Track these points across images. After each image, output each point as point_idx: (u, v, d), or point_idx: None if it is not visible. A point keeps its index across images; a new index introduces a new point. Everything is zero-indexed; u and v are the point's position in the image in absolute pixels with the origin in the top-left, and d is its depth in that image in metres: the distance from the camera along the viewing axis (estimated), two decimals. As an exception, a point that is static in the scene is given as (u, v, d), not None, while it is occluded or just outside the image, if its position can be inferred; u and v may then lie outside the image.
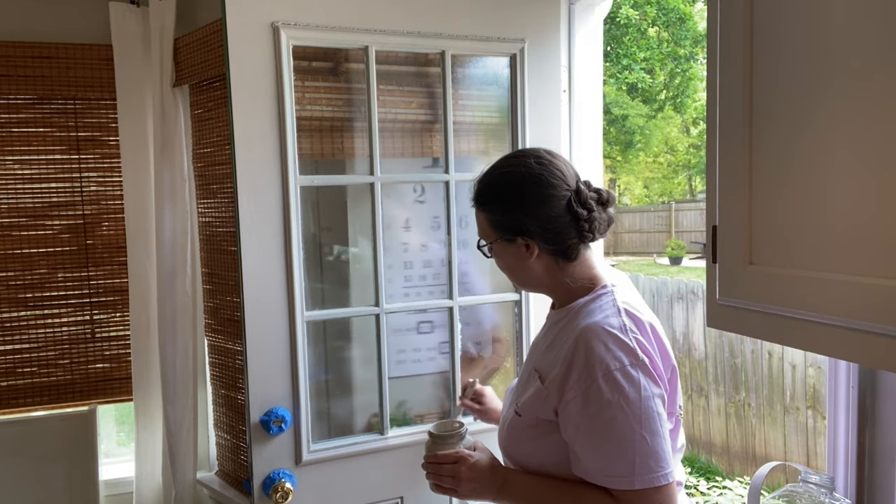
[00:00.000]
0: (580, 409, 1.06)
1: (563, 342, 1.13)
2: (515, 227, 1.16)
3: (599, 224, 1.17)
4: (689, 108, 13.50)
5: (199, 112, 1.99)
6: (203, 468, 2.11)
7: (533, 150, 1.20)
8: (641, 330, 1.11)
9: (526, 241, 1.16)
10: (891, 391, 1.25)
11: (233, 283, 1.89)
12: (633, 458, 1.03)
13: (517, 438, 1.19)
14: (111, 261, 2.09)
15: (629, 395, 1.04)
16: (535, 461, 1.17)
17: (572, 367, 1.08)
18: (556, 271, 1.18)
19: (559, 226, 1.14)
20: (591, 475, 1.08)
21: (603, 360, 1.05)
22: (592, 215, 1.15)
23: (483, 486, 1.18)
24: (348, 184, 1.71)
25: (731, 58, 0.85)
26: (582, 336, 1.08)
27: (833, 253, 0.74)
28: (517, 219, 1.16)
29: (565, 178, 1.16)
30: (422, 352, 1.73)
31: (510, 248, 1.19)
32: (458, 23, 1.60)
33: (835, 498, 1.24)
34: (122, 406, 2.25)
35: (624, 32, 11.84)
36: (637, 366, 1.06)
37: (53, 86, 1.98)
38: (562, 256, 1.17)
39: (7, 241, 2.00)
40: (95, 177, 2.06)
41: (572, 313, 1.16)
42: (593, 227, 1.15)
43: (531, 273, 1.19)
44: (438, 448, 1.24)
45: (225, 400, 1.99)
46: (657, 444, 1.04)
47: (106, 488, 2.09)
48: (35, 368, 2.03)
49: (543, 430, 1.13)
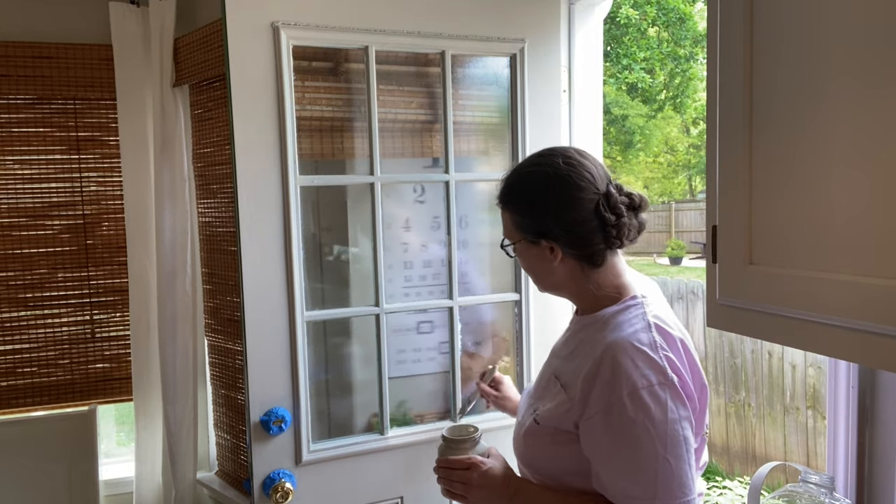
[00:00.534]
0: (602, 426, 1.03)
1: (588, 353, 1.09)
2: (539, 229, 1.12)
3: (629, 230, 1.12)
4: (689, 108, 13.52)
5: (199, 112, 1.99)
6: (203, 468, 2.11)
7: (563, 149, 1.16)
8: (672, 347, 1.07)
9: (550, 243, 1.12)
10: (891, 391, 1.25)
11: (233, 283, 1.89)
12: (656, 482, 1.00)
13: (534, 446, 1.16)
14: (111, 261, 2.09)
15: (655, 415, 1.00)
16: (553, 470, 1.14)
17: (597, 382, 1.04)
18: (580, 277, 1.14)
19: (585, 230, 1.10)
20: (610, 494, 1.05)
21: (630, 377, 1.01)
22: (622, 221, 1.10)
23: (494, 494, 1.15)
24: (348, 184, 1.71)
25: (730, 58, 0.85)
26: (609, 350, 1.05)
27: (833, 253, 0.74)
28: (541, 221, 1.12)
29: (594, 181, 1.11)
30: (422, 352, 1.73)
31: (533, 250, 1.15)
32: (458, 23, 1.61)
33: (835, 498, 1.23)
34: (122, 406, 2.25)
35: (624, 32, 11.85)
36: (666, 385, 1.01)
37: (53, 86, 1.98)
38: (587, 262, 1.12)
39: (7, 241, 2.00)
40: (95, 177, 2.06)
41: (599, 323, 1.12)
42: (622, 233, 1.11)
43: (554, 277, 1.16)
44: (451, 452, 1.21)
45: (225, 400, 1.99)
46: (681, 469, 1.01)
47: (106, 488, 2.09)
48: (35, 368, 2.03)
49: (563, 440, 1.10)
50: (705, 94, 0.90)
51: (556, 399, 1.12)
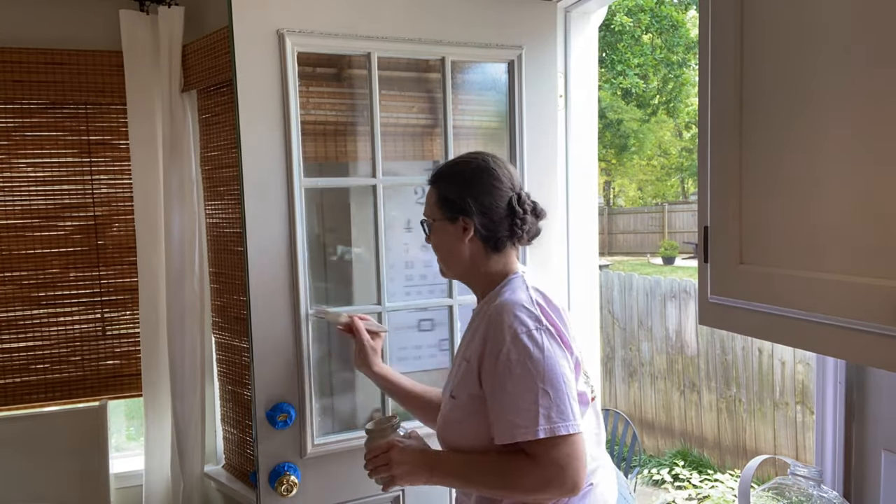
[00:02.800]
0: (491, 371, 1.16)
1: (482, 325, 1.22)
2: (459, 206, 1.27)
3: (530, 229, 1.30)
4: (682, 112, 13.59)
5: (207, 116, 2.03)
6: (210, 462, 2.15)
7: (487, 153, 1.35)
8: (549, 305, 1.22)
9: (465, 222, 1.27)
10: (877, 387, 1.26)
11: (239, 283, 1.93)
12: (537, 410, 1.11)
13: (450, 421, 1.26)
14: (121, 260, 2.13)
15: (533, 354, 1.13)
16: (468, 443, 1.23)
17: (487, 339, 1.18)
18: (481, 259, 1.29)
19: (496, 216, 1.26)
20: (502, 434, 1.14)
21: (511, 325, 1.15)
22: (527, 217, 1.28)
23: (414, 467, 1.24)
24: (351, 186, 1.73)
25: (722, 64, 0.87)
26: (494, 312, 1.19)
27: (821, 253, 0.76)
28: (463, 198, 1.27)
29: (511, 180, 1.30)
30: (422, 349, 1.77)
31: (449, 228, 1.29)
32: (457, 30, 1.64)
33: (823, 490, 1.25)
34: (131, 401, 2.28)
35: (618, 39, 11.93)
36: (542, 329, 1.16)
37: (65, 91, 2.02)
38: (491, 246, 1.28)
39: (21, 241, 2.04)
40: (106, 179, 2.10)
41: (490, 300, 1.26)
42: (524, 228, 1.28)
43: (460, 256, 1.29)
44: (374, 442, 1.29)
45: (232, 395, 2.03)
46: (560, 399, 1.12)
47: (116, 481, 2.12)
48: (48, 365, 2.07)
49: (475, 409, 1.20)
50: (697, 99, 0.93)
51: (462, 371, 1.23)
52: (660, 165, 15.37)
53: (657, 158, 15.05)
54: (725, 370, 4.91)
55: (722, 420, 4.95)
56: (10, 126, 2.01)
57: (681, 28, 12.15)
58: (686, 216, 14.19)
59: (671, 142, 14.89)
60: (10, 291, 2.03)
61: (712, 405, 5.02)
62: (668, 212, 14.75)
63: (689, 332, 5.23)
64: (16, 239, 2.04)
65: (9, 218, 2.02)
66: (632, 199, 16.95)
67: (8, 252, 2.03)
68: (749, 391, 4.73)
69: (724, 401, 4.92)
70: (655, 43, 12.43)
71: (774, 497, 1.25)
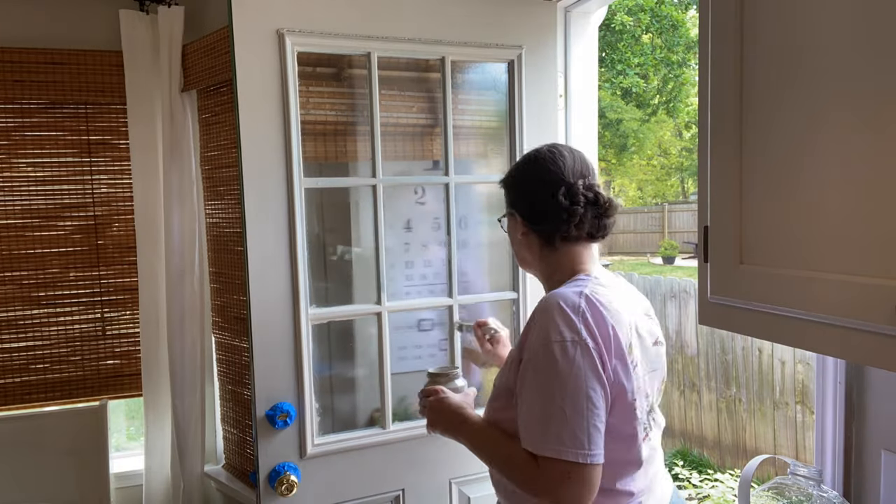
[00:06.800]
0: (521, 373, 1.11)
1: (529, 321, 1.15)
2: (511, 201, 1.27)
3: (582, 222, 1.17)
4: (682, 112, 13.62)
5: (207, 116, 2.03)
6: (210, 461, 2.15)
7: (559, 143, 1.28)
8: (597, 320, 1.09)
9: (518, 217, 1.24)
10: (877, 386, 1.26)
11: (239, 282, 1.93)
12: (548, 426, 1.04)
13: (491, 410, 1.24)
14: (121, 260, 2.13)
15: (560, 368, 1.05)
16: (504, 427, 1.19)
17: (527, 336, 1.12)
18: (543, 255, 1.23)
19: (542, 209, 1.20)
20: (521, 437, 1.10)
21: (547, 330, 1.08)
22: (575, 209, 1.16)
23: (444, 418, 1.26)
24: (351, 186, 1.74)
25: (722, 63, 0.87)
26: (541, 304, 1.12)
27: (821, 253, 0.76)
28: (514, 194, 1.26)
29: (564, 171, 1.19)
30: (423, 348, 1.77)
31: (511, 222, 1.28)
32: (457, 30, 1.64)
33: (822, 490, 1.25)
34: (131, 401, 2.29)
35: (618, 39, 11.95)
36: (577, 343, 1.05)
37: (65, 91, 2.02)
38: (544, 241, 1.22)
39: (21, 241, 2.04)
40: (106, 179, 2.10)
41: None
42: (572, 222, 1.17)
43: (525, 251, 1.26)
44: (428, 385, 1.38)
45: (232, 395, 2.03)
46: (576, 423, 1.03)
47: (116, 481, 2.13)
48: (48, 365, 2.07)
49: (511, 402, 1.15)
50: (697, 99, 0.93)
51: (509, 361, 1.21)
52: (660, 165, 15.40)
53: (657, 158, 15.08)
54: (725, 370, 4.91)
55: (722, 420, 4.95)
56: (10, 126, 2.01)
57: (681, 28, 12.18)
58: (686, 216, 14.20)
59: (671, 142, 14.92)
60: (10, 291, 2.04)
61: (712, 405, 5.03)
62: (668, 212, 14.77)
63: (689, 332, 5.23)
64: (16, 239, 2.04)
65: (9, 218, 2.03)
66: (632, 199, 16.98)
67: (8, 252, 2.03)
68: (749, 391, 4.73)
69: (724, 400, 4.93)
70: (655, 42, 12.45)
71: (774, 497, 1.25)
